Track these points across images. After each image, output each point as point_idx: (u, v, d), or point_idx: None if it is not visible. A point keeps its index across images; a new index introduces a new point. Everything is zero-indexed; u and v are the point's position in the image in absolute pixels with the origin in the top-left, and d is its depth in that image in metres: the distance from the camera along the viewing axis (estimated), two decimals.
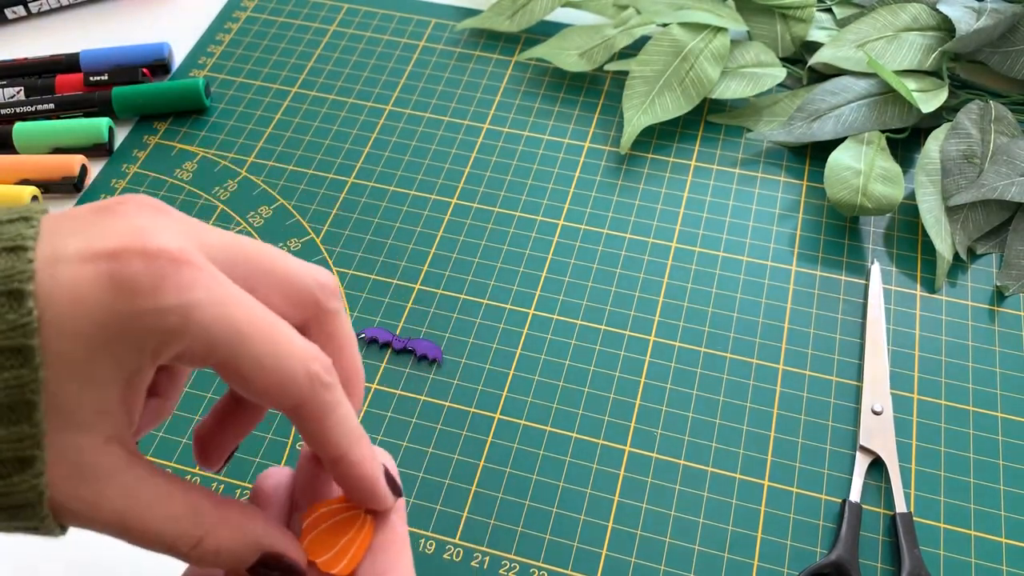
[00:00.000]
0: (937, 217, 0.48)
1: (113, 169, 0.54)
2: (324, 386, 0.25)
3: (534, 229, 0.50)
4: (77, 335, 0.22)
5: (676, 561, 0.39)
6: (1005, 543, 0.39)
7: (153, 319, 0.23)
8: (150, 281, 0.23)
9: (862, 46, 0.54)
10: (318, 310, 0.27)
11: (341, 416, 0.26)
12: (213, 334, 0.23)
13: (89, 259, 0.23)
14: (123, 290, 0.22)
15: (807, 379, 0.44)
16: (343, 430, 0.26)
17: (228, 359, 0.24)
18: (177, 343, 0.23)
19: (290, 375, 0.24)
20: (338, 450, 0.26)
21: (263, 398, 0.25)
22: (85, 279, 0.22)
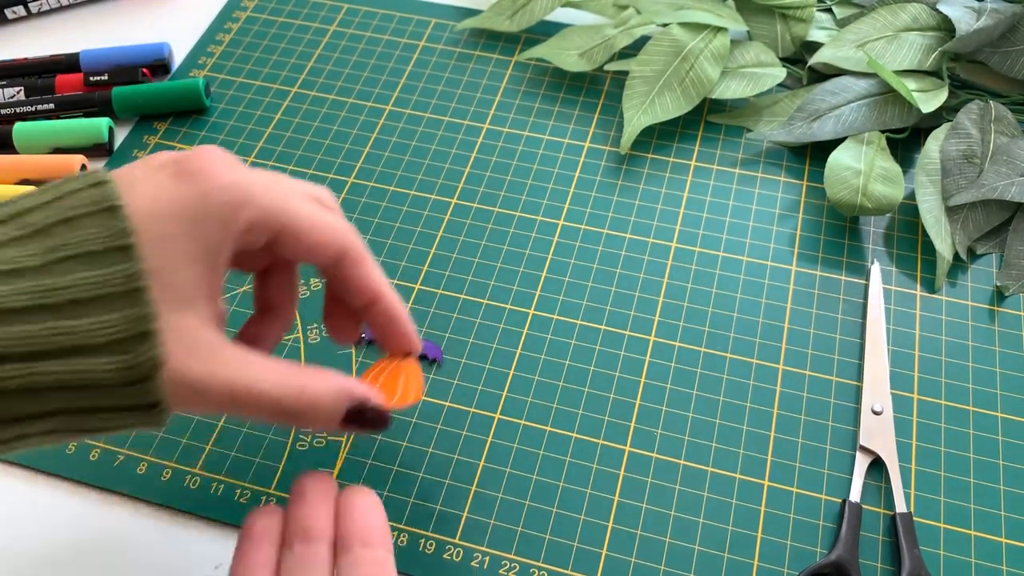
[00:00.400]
0: (937, 217, 0.48)
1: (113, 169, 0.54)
2: (358, 237, 0.33)
3: (534, 229, 0.50)
4: (166, 220, 0.28)
5: (676, 561, 0.39)
6: (1005, 543, 0.39)
7: (219, 195, 0.29)
8: (211, 168, 0.29)
9: (862, 46, 0.54)
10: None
11: (374, 263, 0.33)
12: (270, 201, 0.30)
13: (158, 168, 0.29)
14: (190, 178, 0.29)
15: (807, 379, 0.44)
16: (378, 274, 0.33)
17: (284, 221, 0.30)
18: (244, 212, 0.29)
19: (334, 228, 0.32)
20: (378, 289, 0.33)
21: (314, 252, 0.31)
22: (159, 180, 0.29)
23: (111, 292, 0.27)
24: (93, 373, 0.27)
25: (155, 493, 0.41)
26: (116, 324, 0.27)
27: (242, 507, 0.40)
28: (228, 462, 0.42)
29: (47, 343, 0.26)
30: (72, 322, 0.26)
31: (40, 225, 0.27)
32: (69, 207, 0.27)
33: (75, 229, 0.27)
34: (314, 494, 0.31)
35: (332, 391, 0.31)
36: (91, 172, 0.28)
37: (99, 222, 0.27)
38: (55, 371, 0.26)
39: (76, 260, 0.27)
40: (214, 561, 0.39)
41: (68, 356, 0.26)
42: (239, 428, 0.43)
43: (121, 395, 0.27)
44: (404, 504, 0.40)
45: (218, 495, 0.41)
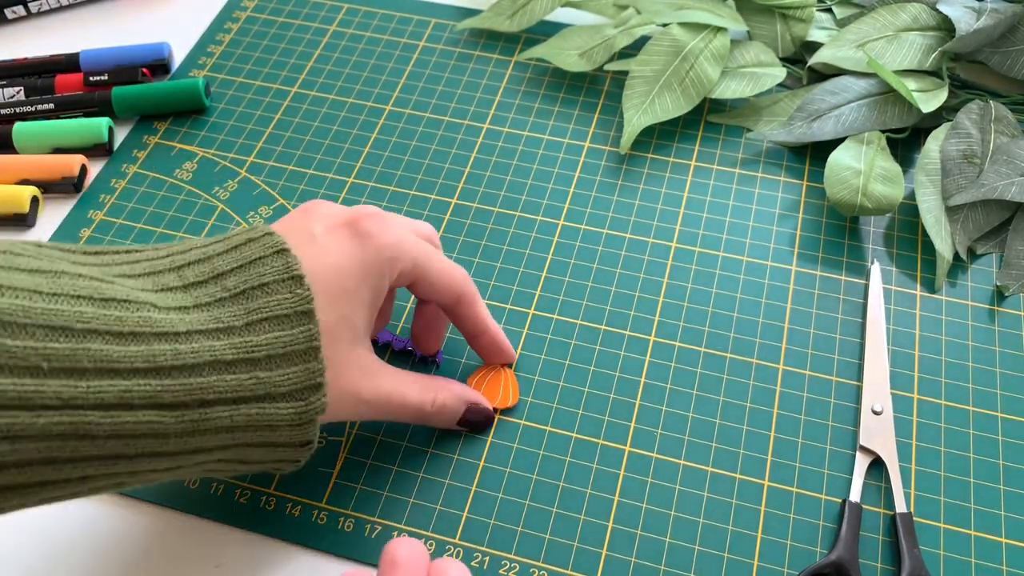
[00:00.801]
0: (937, 217, 0.48)
1: (113, 169, 0.54)
2: (470, 281, 0.40)
3: (534, 229, 0.50)
4: (351, 275, 0.35)
5: (676, 561, 0.39)
6: (1005, 543, 0.39)
7: (384, 252, 0.36)
8: (378, 229, 0.36)
9: (862, 46, 0.54)
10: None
11: (482, 303, 0.41)
12: (415, 256, 0.37)
13: (333, 231, 0.36)
14: (365, 238, 0.36)
15: (807, 379, 0.44)
16: (486, 312, 0.41)
17: (423, 271, 0.38)
18: (399, 264, 0.37)
19: (456, 275, 0.39)
20: (485, 324, 0.41)
21: (441, 293, 0.39)
22: (340, 241, 0.36)
23: (295, 350, 0.33)
24: (276, 416, 0.33)
25: (155, 493, 0.41)
26: (298, 376, 0.33)
27: (242, 507, 0.40)
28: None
29: (249, 390, 0.32)
30: (267, 373, 0.32)
31: (239, 289, 0.33)
32: (260, 274, 0.33)
33: (269, 295, 0.33)
34: (406, 565, 0.30)
35: (455, 398, 0.40)
36: (269, 234, 0.34)
37: (287, 289, 0.33)
38: (250, 413, 0.32)
39: (270, 321, 0.32)
40: (214, 561, 0.39)
41: (261, 401, 0.32)
42: None
43: (288, 434, 0.33)
44: (404, 504, 0.40)
45: (218, 495, 0.41)
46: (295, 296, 0.33)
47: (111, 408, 0.29)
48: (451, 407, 0.40)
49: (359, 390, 0.36)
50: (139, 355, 0.30)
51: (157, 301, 0.31)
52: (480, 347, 0.42)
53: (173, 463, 0.32)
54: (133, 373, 0.29)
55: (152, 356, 0.30)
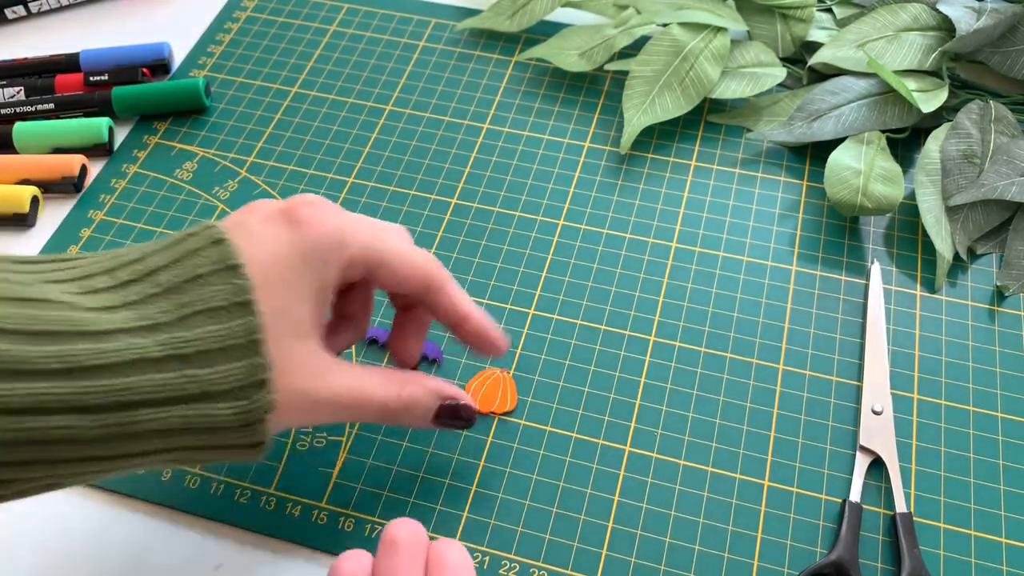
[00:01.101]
0: (937, 217, 0.48)
1: (113, 169, 0.54)
2: (440, 266, 0.37)
3: (534, 229, 0.50)
4: (287, 266, 0.32)
5: (676, 561, 0.39)
6: (1005, 543, 0.39)
7: (326, 239, 0.33)
8: (315, 215, 0.33)
9: (862, 46, 0.54)
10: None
11: (458, 287, 0.37)
12: (365, 241, 0.34)
13: (270, 219, 0.33)
14: (300, 225, 0.33)
15: (807, 379, 0.44)
16: (463, 296, 0.37)
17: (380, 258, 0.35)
18: (344, 252, 0.33)
19: (420, 260, 0.36)
20: (464, 309, 0.37)
21: (406, 282, 0.36)
22: (274, 231, 0.33)
23: (233, 344, 0.30)
24: (215, 416, 0.30)
25: (155, 493, 0.41)
26: (237, 372, 0.30)
27: (242, 507, 0.40)
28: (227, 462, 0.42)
29: (180, 390, 0.29)
30: (200, 370, 0.29)
31: (171, 284, 0.30)
32: (195, 266, 0.31)
33: (202, 287, 0.30)
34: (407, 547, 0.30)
35: (426, 391, 0.37)
36: (209, 227, 0.32)
37: (222, 279, 0.30)
38: (185, 415, 0.29)
39: (204, 315, 0.30)
40: (214, 561, 0.39)
41: (196, 401, 0.30)
42: None
43: (233, 436, 0.31)
44: (404, 504, 0.40)
45: (218, 495, 0.41)
46: (231, 286, 0.30)
47: (20, 413, 0.27)
48: (422, 401, 0.36)
49: (311, 390, 0.32)
50: (54, 355, 0.27)
51: (82, 302, 0.29)
52: (466, 337, 0.38)
53: (102, 467, 0.30)
54: (47, 375, 0.27)
55: (70, 356, 0.28)
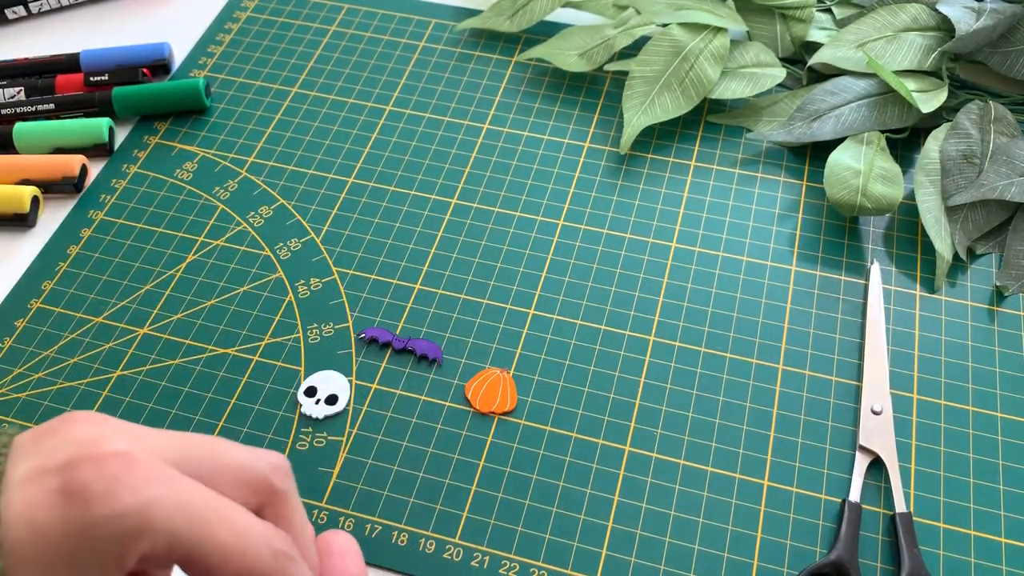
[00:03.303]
0: (937, 217, 0.48)
1: (113, 169, 0.54)
2: (289, 559, 0.24)
3: (534, 229, 0.50)
4: (36, 562, 0.22)
5: (676, 561, 0.39)
6: (1005, 543, 0.39)
7: (111, 526, 0.22)
8: (103, 485, 0.22)
9: (862, 46, 0.54)
10: (273, 493, 0.26)
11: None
12: (175, 529, 0.22)
13: (38, 477, 0.22)
14: (76, 501, 0.22)
15: (807, 379, 0.44)
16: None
17: (193, 550, 0.23)
18: (139, 545, 0.22)
19: (256, 556, 0.24)
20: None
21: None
22: (37, 499, 0.22)
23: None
24: None
25: None
26: None
27: None
28: None
29: None
30: None
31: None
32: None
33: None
34: None
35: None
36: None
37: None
38: None
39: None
40: None
41: None
42: (238, 428, 0.43)
43: None
44: (404, 504, 0.40)
45: None
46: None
47: None
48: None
49: None
50: None
51: None
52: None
53: None
54: None
55: None
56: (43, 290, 0.48)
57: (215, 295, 0.48)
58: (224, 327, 0.46)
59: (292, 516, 0.26)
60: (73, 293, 0.48)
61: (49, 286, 0.48)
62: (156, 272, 0.49)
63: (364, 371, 0.45)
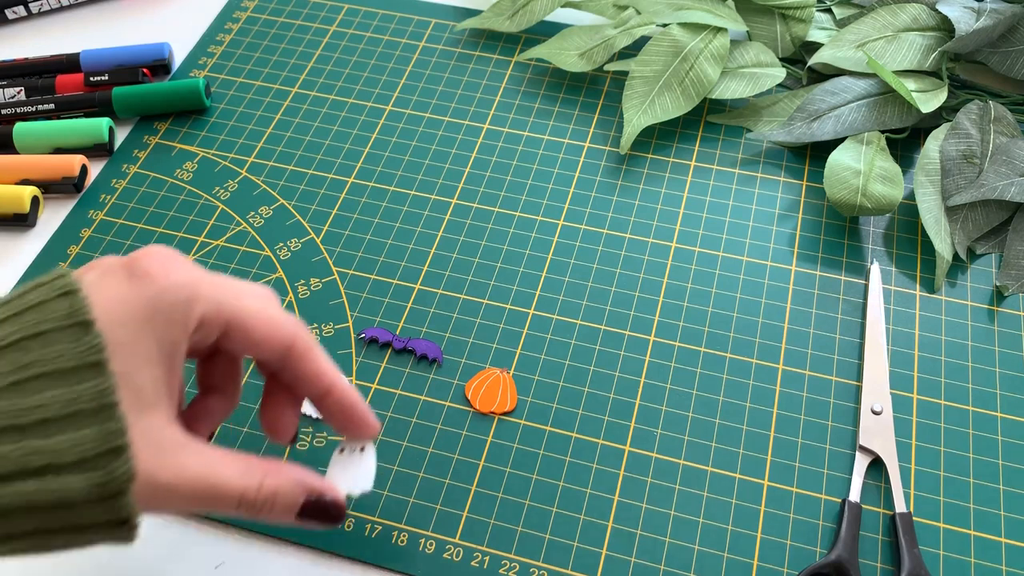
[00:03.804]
0: (937, 217, 0.48)
1: (113, 169, 0.54)
2: (306, 331, 0.32)
3: (534, 229, 0.50)
4: (124, 324, 0.28)
5: (676, 561, 0.39)
6: (1005, 543, 0.39)
7: (172, 292, 0.29)
8: (161, 268, 0.29)
9: (862, 46, 0.54)
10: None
11: (323, 354, 0.33)
12: (219, 297, 0.30)
13: (107, 275, 0.29)
14: (143, 278, 0.29)
15: (807, 379, 0.44)
16: (328, 365, 0.33)
17: (233, 316, 0.30)
18: (195, 309, 0.30)
19: (281, 320, 0.32)
20: (328, 379, 0.33)
21: (264, 345, 0.31)
22: (113, 285, 0.29)
23: (81, 409, 0.27)
24: (65, 492, 0.26)
25: None
26: (87, 441, 0.27)
27: None
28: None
29: (16, 464, 0.26)
30: (43, 441, 0.26)
31: (10, 340, 0.27)
32: (39, 320, 0.27)
33: (46, 345, 0.27)
34: None
35: (290, 483, 0.32)
36: (58, 277, 0.28)
37: (70, 337, 0.27)
38: (25, 491, 0.26)
39: (47, 378, 0.27)
40: (214, 561, 0.39)
41: (38, 476, 0.26)
42: (238, 428, 0.43)
43: (92, 513, 0.27)
44: (404, 504, 0.40)
45: None
46: (81, 345, 0.27)
47: None
48: (285, 497, 0.32)
49: (153, 471, 0.28)
50: None
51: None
52: (327, 411, 0.34)
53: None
54: None
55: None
56: None
57: None
58: None
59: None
60: None
61: None
62: None
63: (364, 371, 0.45)
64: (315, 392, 0.33)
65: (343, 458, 0.36)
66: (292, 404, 0.35)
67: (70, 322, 0.27)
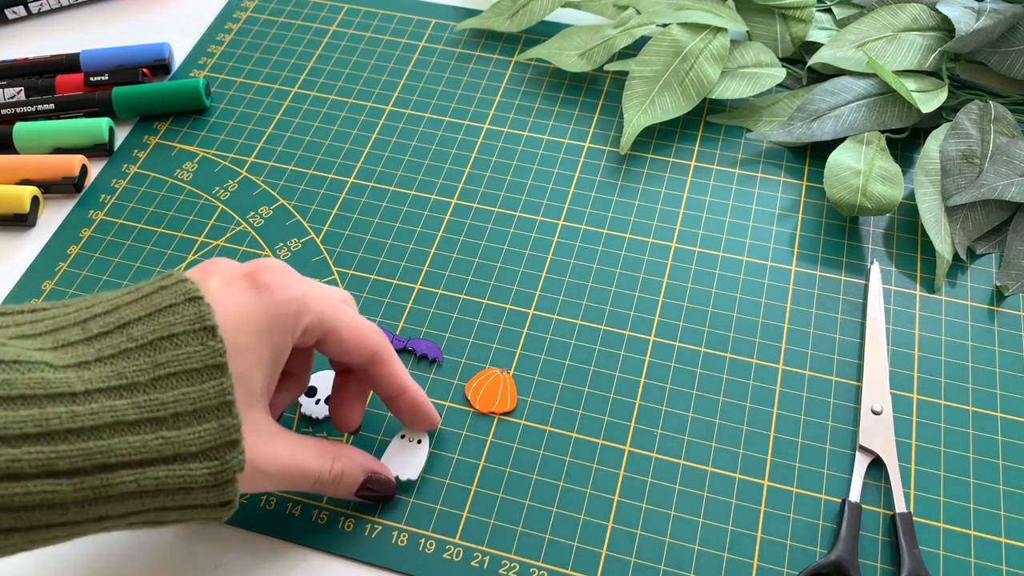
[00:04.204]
0: (937, 217, 0.48)
1: (113, 169, 0.54)
2: (387, 340, 0.38)
3: (534, 229, 0.50)
4: (247, 332, 0.32)
5: (676, 561, 0.39)
6: (1005, 543, 0.39)
7: (287, 306, 0.33)
8: (279, 281, 0.33)
9: (862, 46, 0.54)
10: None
11: (400, 362, 0.38)
12: (322, 309, 0.35)
13: (231, 283, 0.33)
14: (263, 290, 0.33)
15: (807, 379, 0.44)
16: (403, 371, 0.38)
17: (331, 326, 0.35)
18: (303, 319, 0.34)
19: (368, 332, 0.37)
20: (403, 383, 0.38)
21: (354, 352, 0.36)
22: (237, 293, 0.33)
23: (206, 406, 0.31)
24: (188, 477, 0.30)
25: None
26: (210, 433, 0.31)
27: (243, 507, 0.40)
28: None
29: (155, 452, 0.30)
30: (175, 432, 0.30)
31: (146, 339, 0.31)
32: (170, 323, 0.31)
33: (178, 347, 0.31)
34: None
35: (355, 466, 0.38)
36: (181, 281, 0.32)
37: (198, 341, 0.31)
38: (158, 476, 0.30)
39: (179, 376, 0.30)
40: (214, 561, 0.39)
41: (170, 463, 0.30)
42: None
43: (205, 495, 0.31)
44: (404, 504, 0.40)
45: None
46: (207, 349, 0.31)
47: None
48: (350, 475, 0.37)
49: (255, 460, 0.33)
50: (30, 419, 0.28)
51: (54, 359, 0.29)
52: (398, 409, 0.39)
53: (75, 531, 0.30)
54: (22, 440, 0.28)
55: (45, 420, 0.28)
56: (43, 290, 0.48)
57: None
58: None
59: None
60: (73, 293, 0.48)
61: (49, 286, 0.48)
62: (156, 272, 0.49)
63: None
64: (390, 393, 0.38)
65: (401, 445, 0.41)
66: (361, 399, 0.39)
67: (198, 326, 0.31)
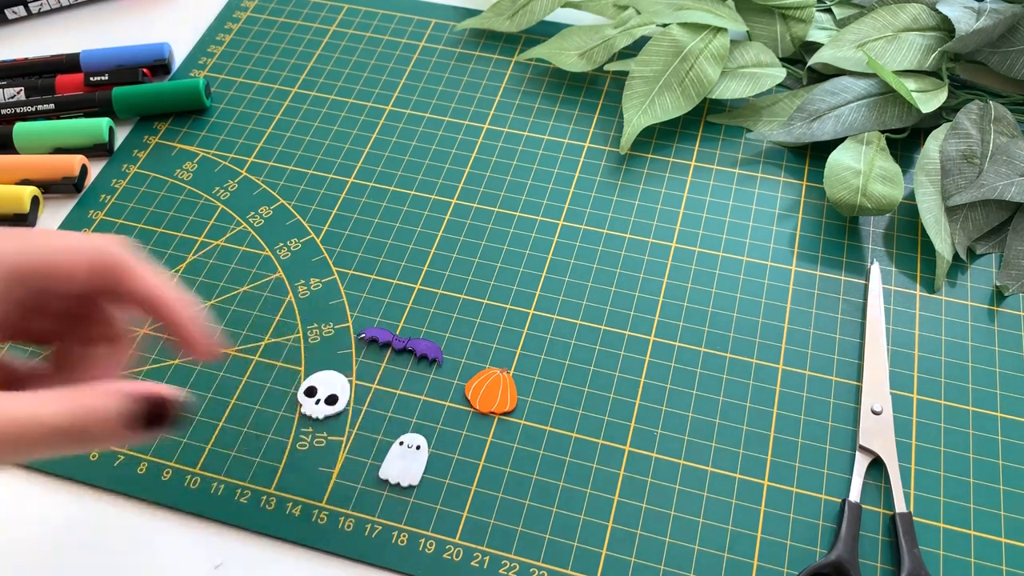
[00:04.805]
0: (937, 217, 0.48)
1: (113, 169, 0.54)
2: (122, 245, 0.31)
3: (534, 229, 0.50)
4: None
5: (676, 561, 0.39)
6: (1005, 543, 0.39)
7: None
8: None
9: (862, 46, 0.54)
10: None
11: (152, 268, 0.32)
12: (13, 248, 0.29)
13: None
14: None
15: (807, 379, 0.44)
16: (160, 278, 0.32)
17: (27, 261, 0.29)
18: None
19: (100, 242, 0.30)
20: (161, 292, 0.31)
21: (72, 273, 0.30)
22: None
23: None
24: None
25: (155, 493, 0.41)
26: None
27: (242, 507, 0.40)
28: (228, 462, 0.42)
29: None
30: None
31: None
32: None
33: None
34: None
35: (109, 395, 0.29)
36: None
37: None
38: None
39: None
40: (214, 561, 0.39)
41: None
42: (239, 428, 0.43)
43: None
44: (405, 504, 0.40)
45: (218, 495, 0.41)
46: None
47: None
48: (106, 410, 0.28)
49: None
50: None
51: None
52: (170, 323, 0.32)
53: None
54: None
55: None
56: None
57: (215, 295, 0.48)
58: (224, 327, 0.46)
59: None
60: None
61: None
62: None
63: (364, 371, 0.45)
64: (152, 306, 0.32)
65: (400, 452, 0.41)
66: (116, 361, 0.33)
67: None
